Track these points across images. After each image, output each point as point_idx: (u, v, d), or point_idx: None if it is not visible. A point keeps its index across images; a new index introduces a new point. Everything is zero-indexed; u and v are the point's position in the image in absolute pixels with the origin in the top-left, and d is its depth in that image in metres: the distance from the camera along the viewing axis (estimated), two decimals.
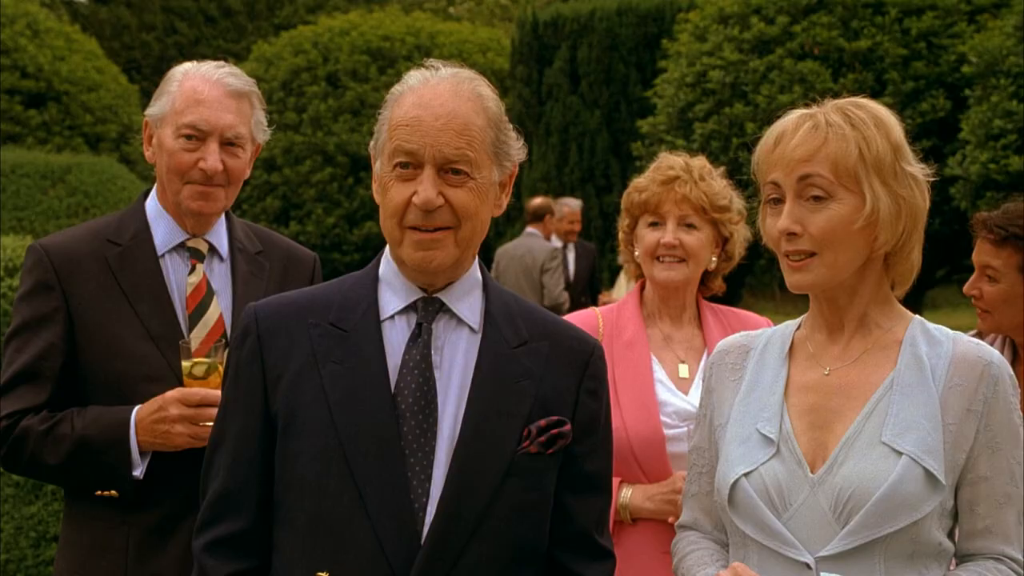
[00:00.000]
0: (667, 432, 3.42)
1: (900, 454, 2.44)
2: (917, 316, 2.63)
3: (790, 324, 2.71)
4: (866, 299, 2.57)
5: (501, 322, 2.54)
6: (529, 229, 11.92)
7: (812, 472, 2.49)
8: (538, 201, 12.22)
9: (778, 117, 2.60)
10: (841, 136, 2.48)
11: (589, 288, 12.48)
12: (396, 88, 2.53)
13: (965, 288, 4.01)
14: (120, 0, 33.89)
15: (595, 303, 11.01)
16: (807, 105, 2.59)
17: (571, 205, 12.88)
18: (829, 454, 2.49)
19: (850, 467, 2.46)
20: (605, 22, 18.86)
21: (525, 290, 11.15)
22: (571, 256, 12.56)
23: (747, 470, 2.53)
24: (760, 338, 2.71)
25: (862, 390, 2.54)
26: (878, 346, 2.57)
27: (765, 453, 2.53)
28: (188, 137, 3.20)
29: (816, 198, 2.50)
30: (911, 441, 2.45)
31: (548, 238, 12.08)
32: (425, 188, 2.42)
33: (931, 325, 2.61)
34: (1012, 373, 2.55)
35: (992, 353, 2.54)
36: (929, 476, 2.43)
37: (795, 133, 2.52)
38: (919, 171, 2.54)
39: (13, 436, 3.13)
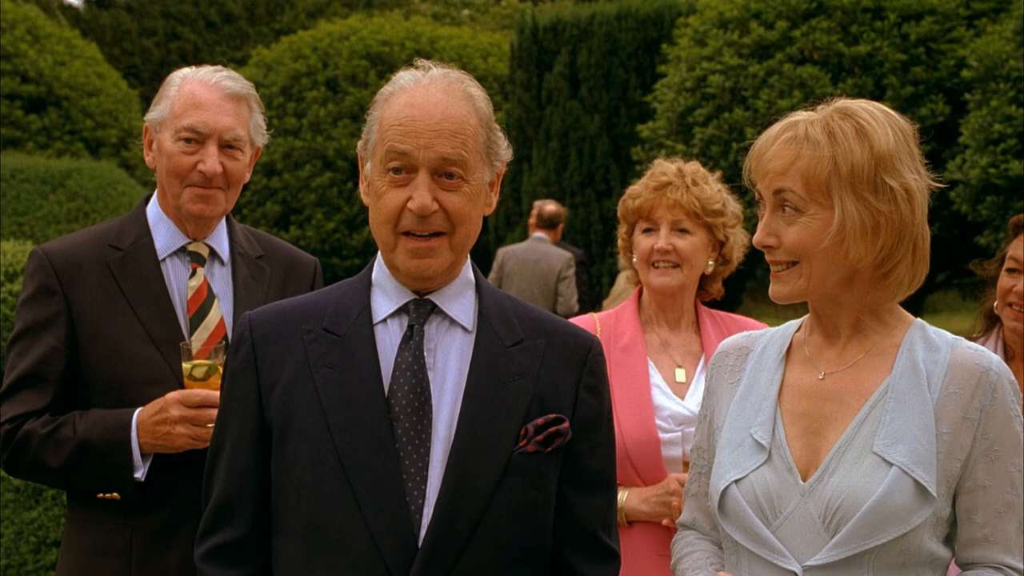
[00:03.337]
0: (662, 436, 3.43)
1: (891, 465, 2.40)
2: (918, 320, 2.58)
3: (791, 325, 2.67)
4: (855, 308, 2.53)
5: (495, 321, 2.53)
6: (539, 234, 11.65)
7: (804, 480, 2.46)
8: (553, 208, 11.86)
9: (777, 121, 2.58)
10: (815, 150, 2.44)
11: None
12: (386, 88, 2.50)
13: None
14: (121, 5, 33.93)
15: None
16: (807, 109, 2.56)
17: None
18: (821, 462, 2.46)
19: (840, 477, 2.43)
20: (605, 27, 18.85)
21: (536, 295, 10.93)
22: None
23: (738, 477, 2.51)
24: (760, 339, 2.68)
25: (856, 396, 2.50)
26: (875, 351, 2.53)
27: (757, 460, 2.51)
28: (187, 140, 3.21)
29: (790, 211, 2.48)
30: (902, 451, 2.41)
31: (554, 245, 11.82)
32: (421, 194, 2.41)
33: (932, 329, 2.55)
34: (1013, 379, 2.49)
35: (991, 359, 2.48)
36: (919, 487, 2.40)
37: (772, 145, 2.50)
38: (913, 181, 2.46)
39: (16, 440, 3.14)
